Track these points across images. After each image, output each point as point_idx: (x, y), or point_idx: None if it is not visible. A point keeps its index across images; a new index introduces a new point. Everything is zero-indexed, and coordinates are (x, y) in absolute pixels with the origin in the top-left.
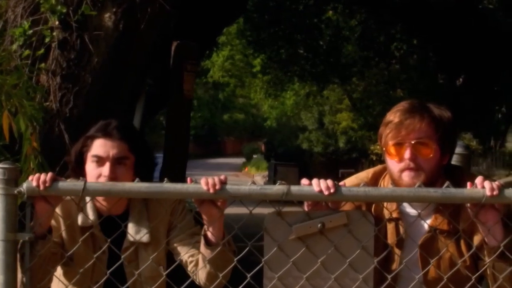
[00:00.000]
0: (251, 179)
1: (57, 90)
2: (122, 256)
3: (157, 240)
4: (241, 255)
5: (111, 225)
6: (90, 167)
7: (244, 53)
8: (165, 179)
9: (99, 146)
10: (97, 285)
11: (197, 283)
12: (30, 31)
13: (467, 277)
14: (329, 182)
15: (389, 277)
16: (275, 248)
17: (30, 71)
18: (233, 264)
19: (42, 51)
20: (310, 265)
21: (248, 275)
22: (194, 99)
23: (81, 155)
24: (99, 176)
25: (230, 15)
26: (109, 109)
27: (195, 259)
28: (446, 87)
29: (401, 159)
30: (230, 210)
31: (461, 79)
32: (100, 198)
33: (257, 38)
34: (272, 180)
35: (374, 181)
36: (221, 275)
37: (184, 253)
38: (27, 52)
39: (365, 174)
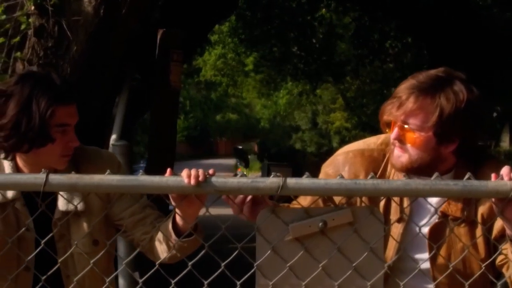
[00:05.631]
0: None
1: None
2: (54, 230)
3: (91, 210)
4: (230, 258)
5: (37, 196)
6: (57, 136)
7: (237, 52)
8: (140, 171)
9: (67, 114)
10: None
11: (151, 259)
12: (4, 16)
13: (482, 274)
14: None
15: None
16: (269, 251)
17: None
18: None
19: (17, 39)
20: (309, 271)
21: (238, 283)
22: (187, 100)
23: (45, 123)
24: (67, 144)
25: (221, 10)
26: (88, 100)
27: (149, 236)
28: None
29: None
30: (218, 211)
31: None
32: (21, 164)
33: (249, 36)
34: None
35: (384, 146)
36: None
37: (137, 230)
38: (1, 40)
39: (375, 139)
